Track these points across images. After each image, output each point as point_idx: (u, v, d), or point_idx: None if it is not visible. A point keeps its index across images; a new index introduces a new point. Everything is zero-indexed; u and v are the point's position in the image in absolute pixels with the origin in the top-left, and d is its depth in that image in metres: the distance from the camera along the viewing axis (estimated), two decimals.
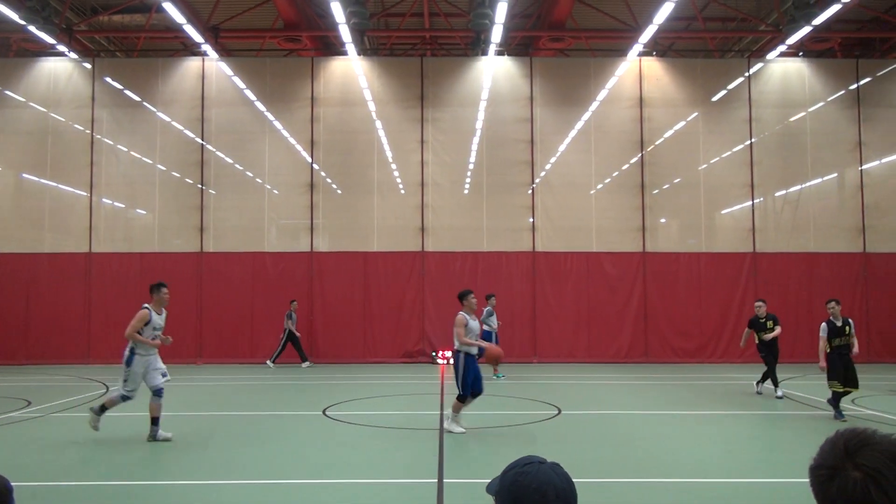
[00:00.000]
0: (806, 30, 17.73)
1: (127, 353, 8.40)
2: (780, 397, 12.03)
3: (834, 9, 16.84)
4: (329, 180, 19.60)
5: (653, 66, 19.83)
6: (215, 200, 19.28)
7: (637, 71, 19.66)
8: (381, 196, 19.41)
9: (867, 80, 19.83)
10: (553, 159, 19.61)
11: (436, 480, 6.59)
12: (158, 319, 8.54)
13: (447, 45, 22.53)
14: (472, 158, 19.71)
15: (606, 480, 6.67)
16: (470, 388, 8.88)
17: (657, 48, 20.99)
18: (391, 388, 13.85)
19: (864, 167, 19.48)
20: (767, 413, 11.00)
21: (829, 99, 19.80)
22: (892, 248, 19.11)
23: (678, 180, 19.56)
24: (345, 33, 17.56)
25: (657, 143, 19.54)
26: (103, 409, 8.42)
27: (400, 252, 19.08)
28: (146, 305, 8.50)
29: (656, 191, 19.42)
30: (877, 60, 20.49)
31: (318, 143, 19.39)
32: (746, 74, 19.75)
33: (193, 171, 19.25)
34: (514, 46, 21.25)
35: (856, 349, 10.31)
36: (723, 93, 19.75)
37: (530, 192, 19.32)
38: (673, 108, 19.64)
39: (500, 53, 19.94)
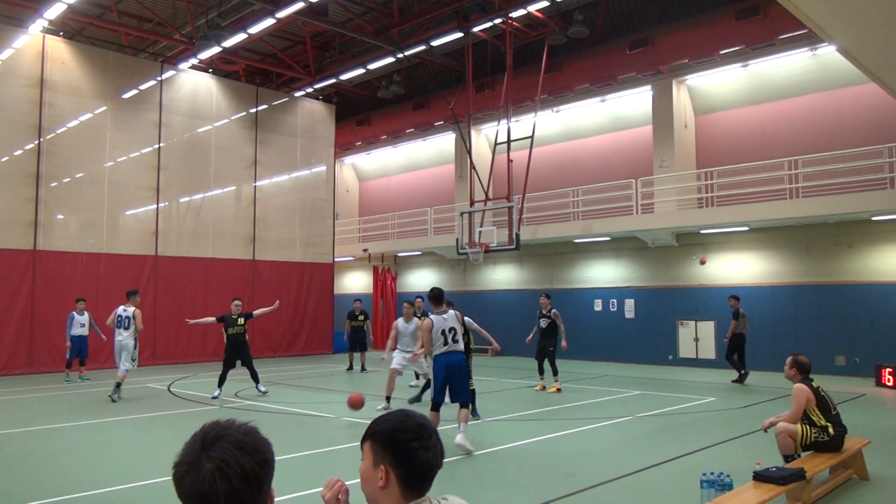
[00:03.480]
0: (216, 49, 19.09)
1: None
2: (216, 396, 12.25)
3: (240, 37, 18.66)
4: None
5: (59, 47, 18.19)
6: None
7: (40, 48, 17.73)
8: None
9: (264, 106, 22.50)
10: None
11: None
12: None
13: None
14: None
15: None
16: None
17: (65, 29, 19.35)
18: None
19: (257, 183, 22.00)
20: (169, 413, 11.25)
21: (232, 117, 21.67)
22: (273, 257, 22.13)
23: (81, 175, 18.38)
24: None
25: (59, 131, 17.98)
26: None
27: None
28: None
29: (55, 183, 17.84)
30: (273, 91, 23.42)
31: None
32: (158, 78, 19.97)
33: None
34: None
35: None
36: (134, 92, 19.50)
37: None
38: (79, 97, 18.38)
39: None
